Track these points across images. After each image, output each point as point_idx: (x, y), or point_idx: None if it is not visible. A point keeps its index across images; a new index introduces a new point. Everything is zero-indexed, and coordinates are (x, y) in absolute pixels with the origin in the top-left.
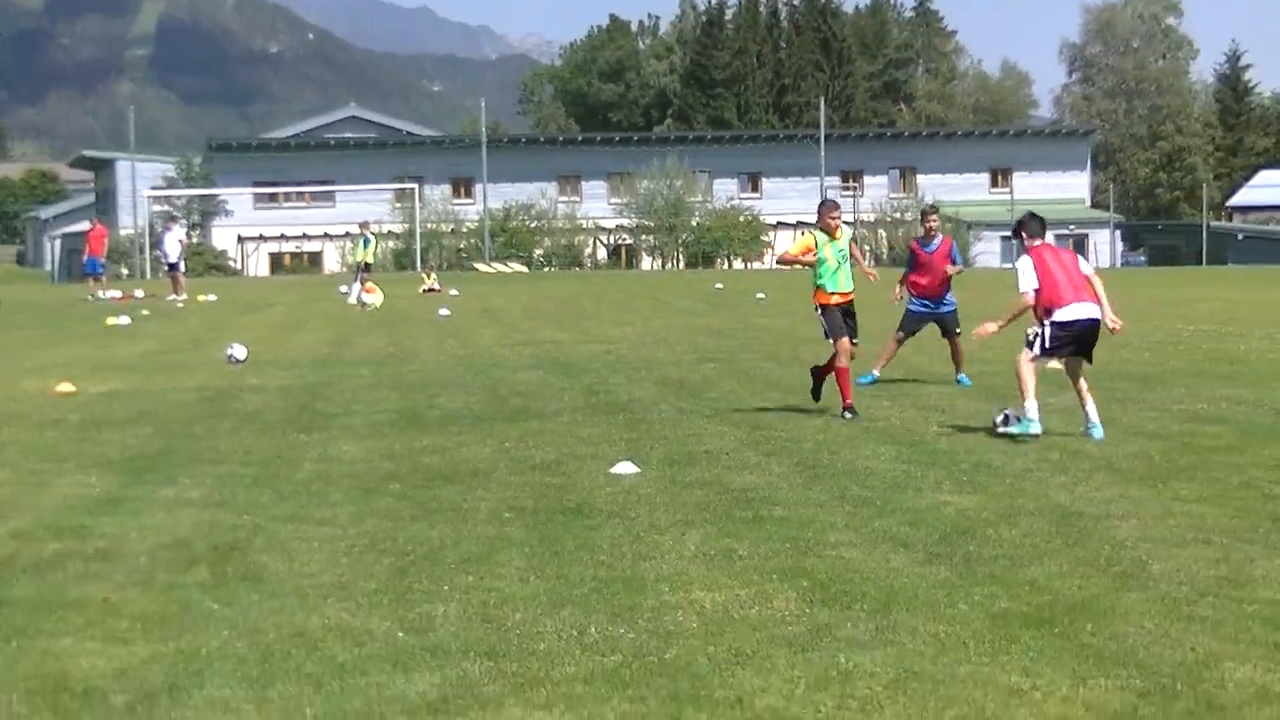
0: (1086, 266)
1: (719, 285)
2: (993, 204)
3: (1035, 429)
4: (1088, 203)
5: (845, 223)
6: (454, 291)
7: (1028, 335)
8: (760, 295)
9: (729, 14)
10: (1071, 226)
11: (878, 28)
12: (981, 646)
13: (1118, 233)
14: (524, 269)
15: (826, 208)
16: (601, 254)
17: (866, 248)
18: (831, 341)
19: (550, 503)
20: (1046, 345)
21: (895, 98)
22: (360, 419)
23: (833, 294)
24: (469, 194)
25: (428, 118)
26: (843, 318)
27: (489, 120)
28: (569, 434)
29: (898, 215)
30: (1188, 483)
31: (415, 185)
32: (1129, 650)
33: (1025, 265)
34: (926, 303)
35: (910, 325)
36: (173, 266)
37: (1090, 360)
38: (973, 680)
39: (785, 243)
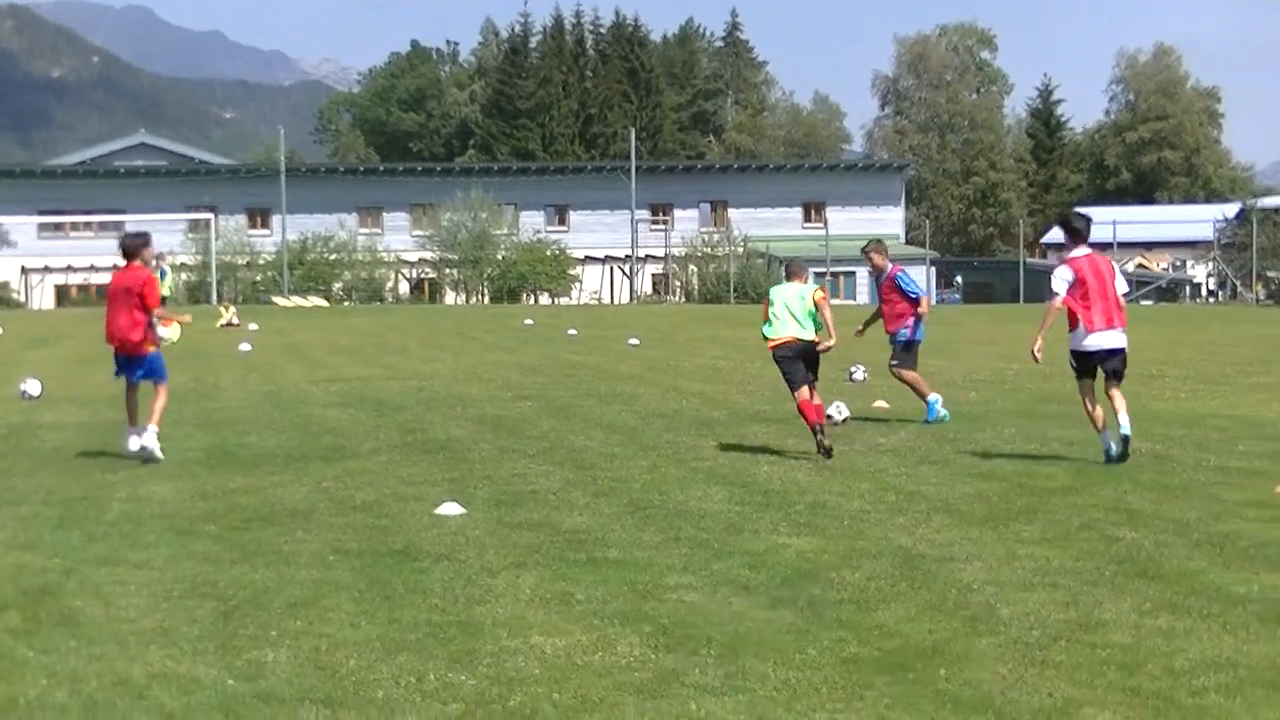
0: (1122, 284)
1: (528, 321)
2: (806, 239)
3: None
4: (902, 238)
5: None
6: (253, 326)
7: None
8: (572, 331)
9: (533, 41)
10: None
11: (686, 57)
12: (835, 693)
13: (932, 269)
14: (324, 303)
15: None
16: (404, 288)
17: (678, 283)
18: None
19: (375, 545)
20: (1075, 366)
21: (705, 129)
22: (168, 457)
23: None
24: (265, 224)
25: (220, 145)
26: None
27: (286, 148)
28: (388, 473)
29: (709, 250)
30: (1028, 524)
31: (210, 215)
32: (986, 696)
33: (1060, 277)
34: (902, 330)
35: (904, 352)
36: None
37: (1120, 380)
38: None
39: (593, 278)
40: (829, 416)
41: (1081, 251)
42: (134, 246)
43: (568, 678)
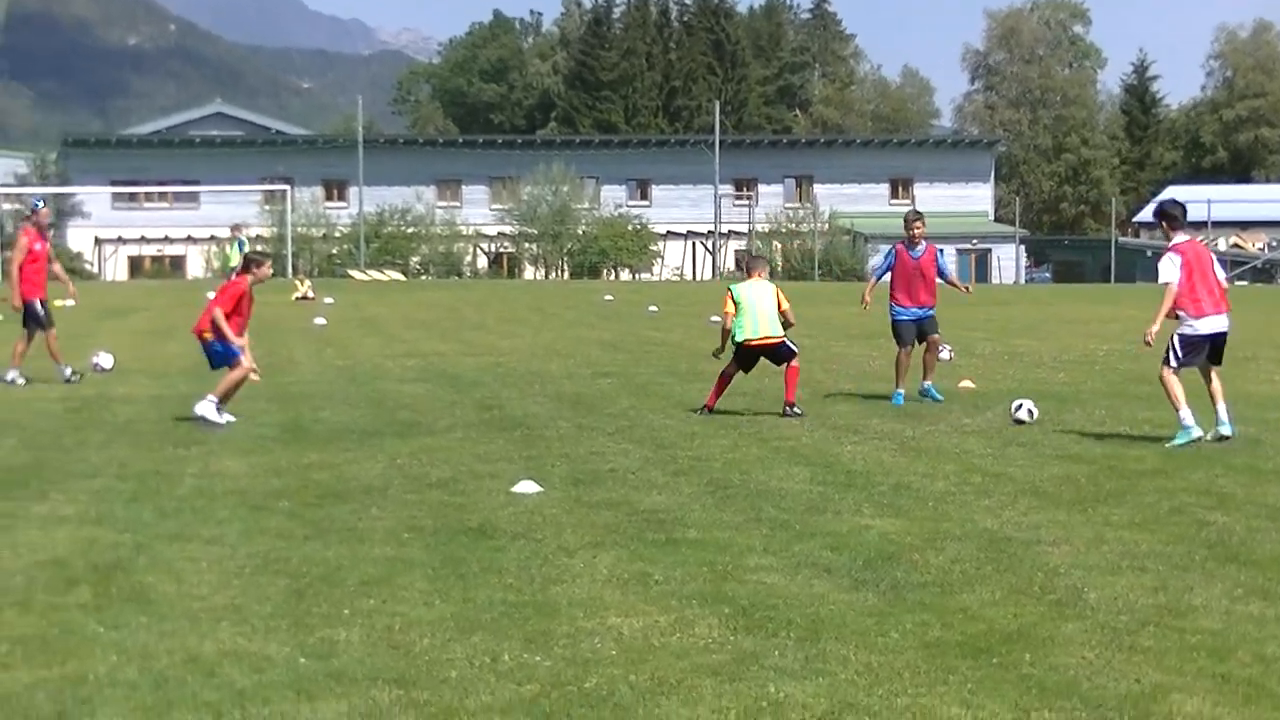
0: (1220, 271)
1: (608, 297)
2: (892, 215)
3: (1195, 433)
4: (991, 216)
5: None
6: (329, 300)
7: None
8: (653, 308)
9: (616, 13)
10: (974, 240)
11: (772, 30)
12: (917, 677)
13: (1022, 248)
14: (400, 277)
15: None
16: (482, 262)
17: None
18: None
19: (450, 522)
20: (1180, 355)
21: (791, 103)
22: (241, 432)
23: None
24: (342, 197)
25: (297, 115)
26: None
27: (364, 119)
28: (464, 450)
29: (793, 226)
30: (1117, 507)
31: (286, 187)
32: (1071, 681)
33: (1171, 262)
34: (910, 310)
35: (905, 337)
36: None
37: (1220, 363)
38: (911, 712)
39: (674, 254)
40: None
41: (1183, 238)
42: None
43: (645, 659)
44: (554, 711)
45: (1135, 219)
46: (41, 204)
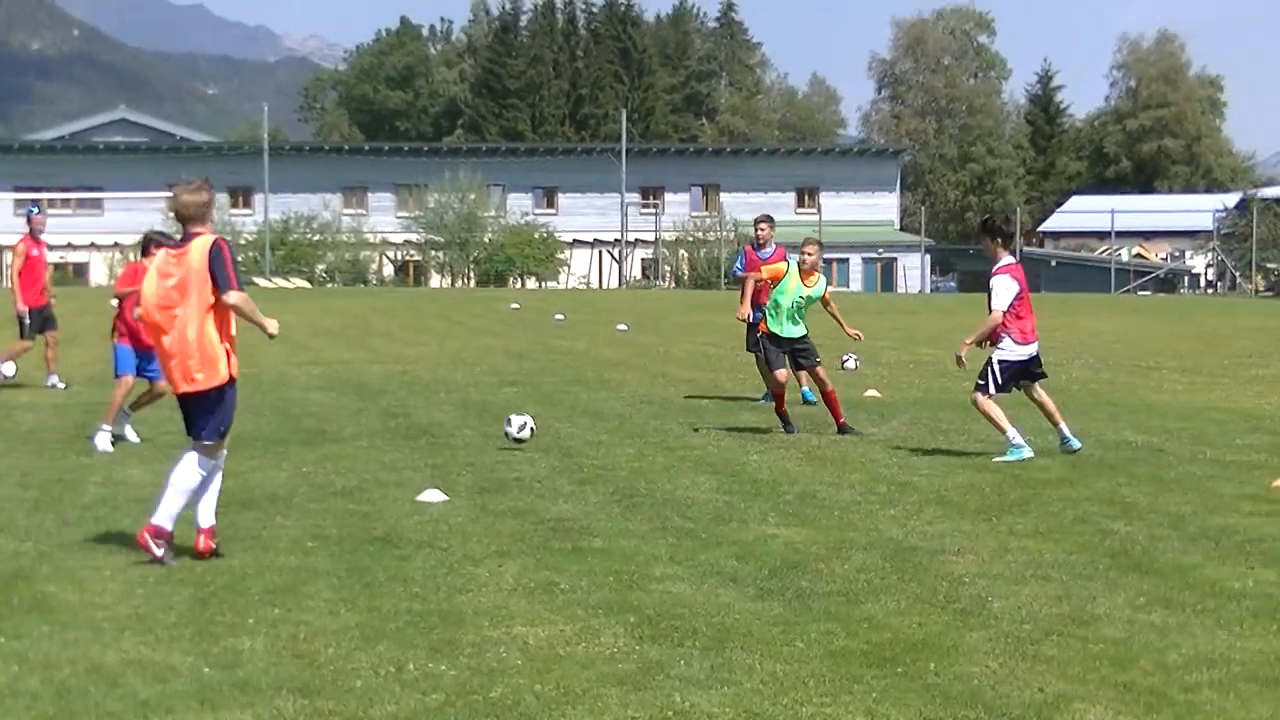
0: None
1: (515, 305)
2: (799, 224)
3: (1027, 452)
4: (897, 225)
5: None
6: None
7: (978, 380)
8: (559, 316)
9: (524, 20)
10: (880, 250)
11: (680, 38)
12: (822, 686)
13: (927, 257)
14: (306, 284)
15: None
16: (388, 270)
17: (668, 268)
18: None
19: (356, 531)
20: (1000, 382)
21: (698, 112)
22: (145, 440)
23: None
24: (248, 204)
25: (202, 122)
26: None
27: (270, 126)
28: (370, 459)
29: (699, 235)
30: (1022, 517)
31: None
32: (976, 691)
33: (1007, 288)
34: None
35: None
36: None
37: (1043, 377)
38: None
39: (581, 262)
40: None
41: (1008, 258)
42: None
43: (550, 668)
44: None
45: (1040, 229)
46: (36, 210)
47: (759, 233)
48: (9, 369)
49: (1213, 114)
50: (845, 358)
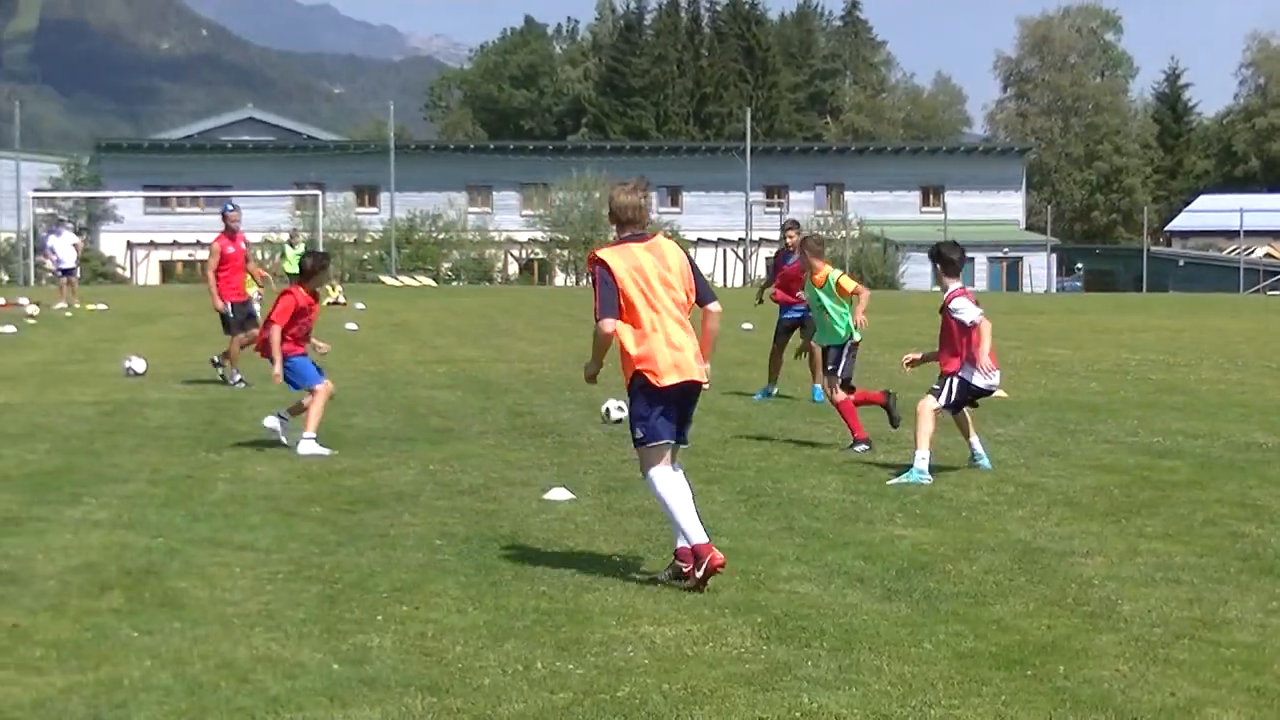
0: None
1: None
2: (923, 224)
3: (926, 480)
4: (1022, 224)
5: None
6: (360, 305)
7: (934, 385)
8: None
9: (648, 19)
10: (1005, 249)
11: (804, 36)
12: (951, 688)
13: (1053, 256)
14: (431, 283)
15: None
16: (513, 269)
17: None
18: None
19: (483, 529)
20: (952, 401)
21: (822, 110)
22: (272, 438)
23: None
24: (373, 202)
25: (328, 121)
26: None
27: (395, 125)
28: (496, 457)
29: (824, 233)
30: (1151, 519)
31: (317, 192)
32: (1106, 694)
33: (969, 305)
34: (795, 309)
35: (782, 334)
36: (67, 271)
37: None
38: None
39: (705, 261)
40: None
41: (957, 285)
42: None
43: (677, 668)
44: (588, 719)
45: (1167, 228)
46: (231, 207)
47: (786, 239)
48: (139, 365)
49: None
50: None
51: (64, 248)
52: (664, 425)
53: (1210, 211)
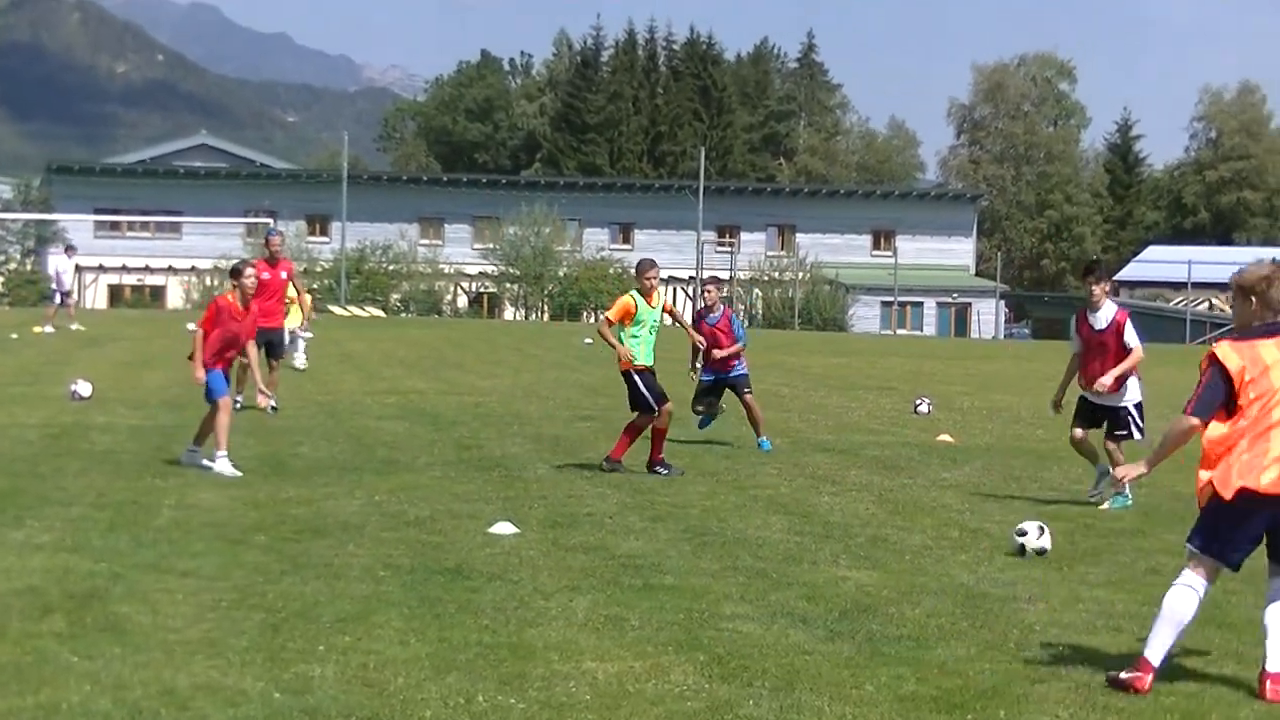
0: None
1: (588, 340)
2: (874, 267)
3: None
4: (972, 270)
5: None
6: (308, 334)
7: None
8: (588, 340)
9: (605, 56)
10: (955, 295)
11: (759, 77)
12: None
13: (1002, 303)
14: (380, 313)
15: (643, 266)
16: (462, 301)
17: (741, 307)
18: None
19: (427, 561)
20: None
21: (775, 151)
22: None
23: (640, 363)
24: (324, 232)
25: (281, 149)
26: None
27: (349, 155)
28: (442, 490)
29: (775, 275)
30: (1094, 566)
31: (269, 220)
32: None
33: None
34: (716, 372)
35: (702, 396)
36: (65, 294)
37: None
38: None
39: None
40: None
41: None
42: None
43: (619, 704)
44: None
45: (1116, 278)
46: (274, 232)
47: (705, 296)
48: (85, 389)
49: None
50: (918, 401)
51: (66, 271)
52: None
53: (1159, 262)
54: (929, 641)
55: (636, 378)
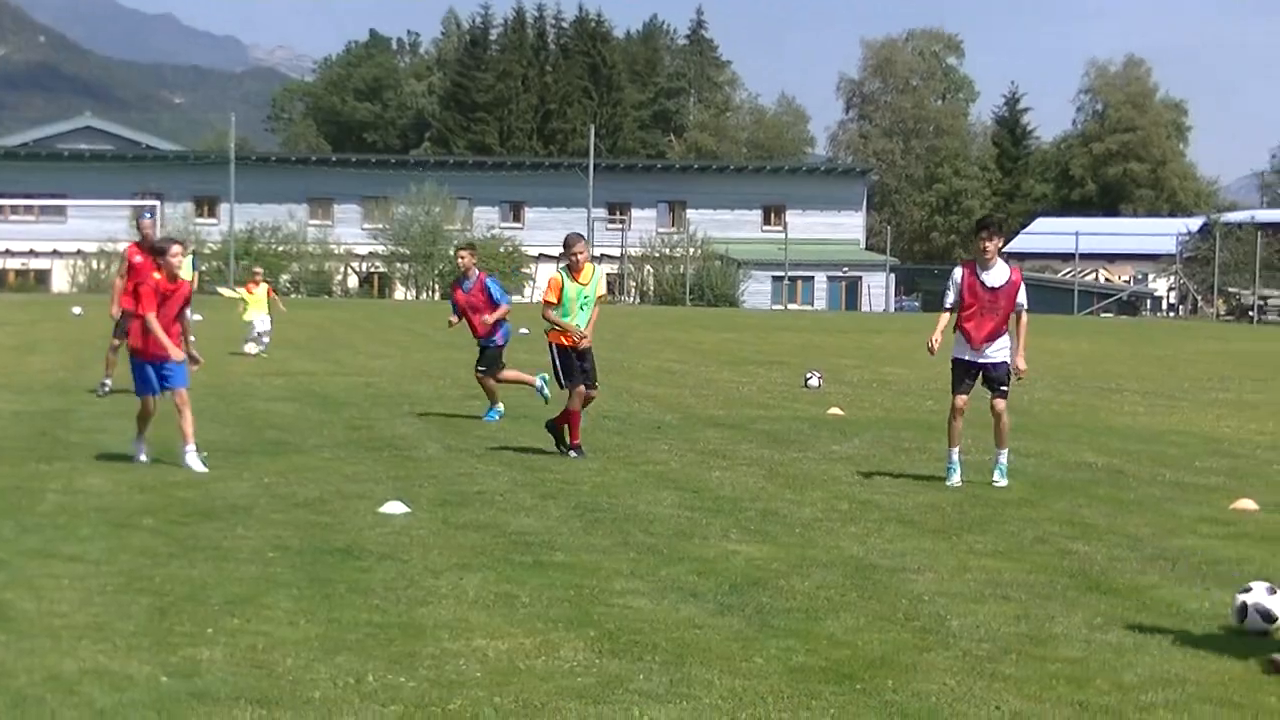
0: None
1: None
2: (765, 242)
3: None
4: (862, 244)
5: (610, 257)
6: (197, 316)
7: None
8: (524, 330)
9: (494, 34)
10: (845, 269)
11: (649, 55)
12: (780, 702)
13: (892, 276)
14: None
15: (568, 241)
16: (353, 282)
17: (633, 283)
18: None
19: (317, 542)
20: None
21: (666, 128)
22: (106, 449)
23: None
24: (213, 213)
25: (168, 131)
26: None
27: (237, 136)
28: (333, 470)
29: (666, 251)
30: (982, 536)
31: (156, 202)
32: (933, 708)
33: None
34: (482, 340)
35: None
36: None
37: None
38: None
39: (547, 276)
40: None
41: None
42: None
43: (510, 681)
44: None
45: (1004, 250)
46: (149, 216)
47: (459, 260)
48: None
49: (1177, 138)
50: (809, 375)
51: None
52: None
53: (1047, 234)
54: (819, 613)
55: (556, 353)
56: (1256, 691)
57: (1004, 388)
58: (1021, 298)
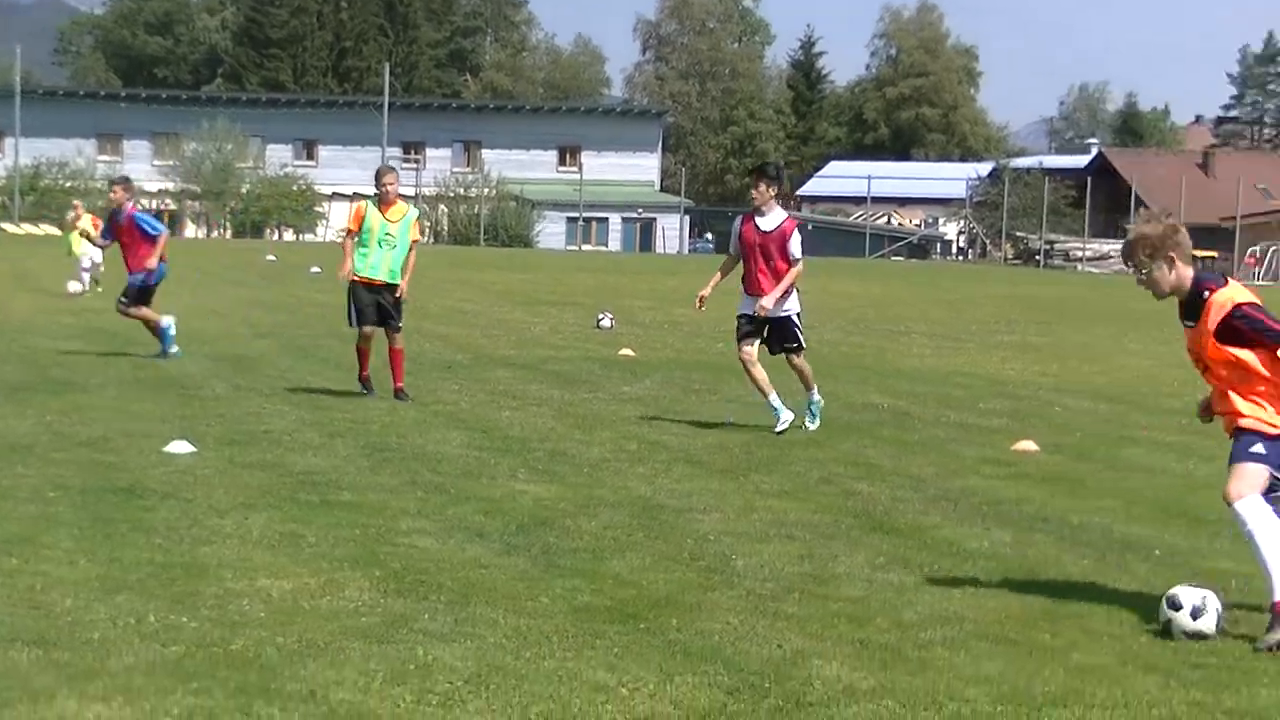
0: None
1: (271, 257)
2: (560, 183)
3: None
4: (657, 186)
5: (405, 197)
6: None
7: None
8: (315, 269)
9: None
10: (640, 210)
11: None
12: (565, 641)
13: (686, 218)
14: (57, 231)
15: (379, 172)
16: None
17: (427, 223)
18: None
19: (100, 482)
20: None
21: (461, 68)
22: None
23: (361, 275)
24: None
25: None
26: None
27: (23, 69)
28: (118, 409)
29: (461, 191)
30: (768, 476)
31: None
32: (716, 647)
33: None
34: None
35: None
36: None
37: None
38: (557, 676)
39: (340, 216)
40: None
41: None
42: None
43: (293, 621)
44: (199, 672)
45: (798, 192)
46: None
47: (112, 195)
48: None
49: (968, 84)
50: (601, 316)
51: None
52: None
53: (840, 178)
54: (605, 553)
55: (349, 291)
56: (1031, 629)
57: (791, 344)
58: (794, 247)
